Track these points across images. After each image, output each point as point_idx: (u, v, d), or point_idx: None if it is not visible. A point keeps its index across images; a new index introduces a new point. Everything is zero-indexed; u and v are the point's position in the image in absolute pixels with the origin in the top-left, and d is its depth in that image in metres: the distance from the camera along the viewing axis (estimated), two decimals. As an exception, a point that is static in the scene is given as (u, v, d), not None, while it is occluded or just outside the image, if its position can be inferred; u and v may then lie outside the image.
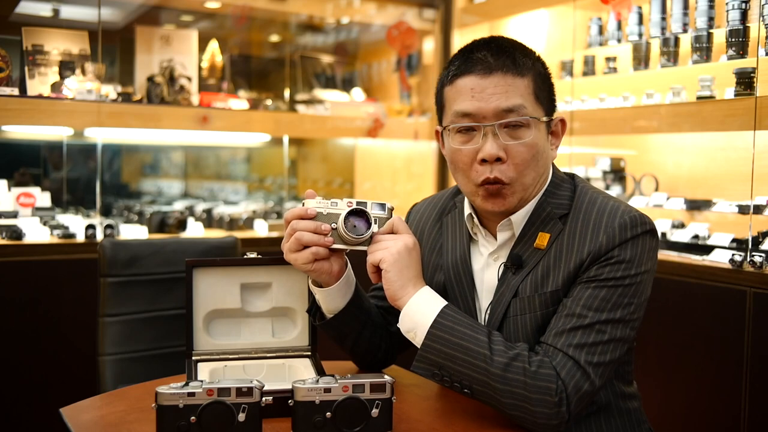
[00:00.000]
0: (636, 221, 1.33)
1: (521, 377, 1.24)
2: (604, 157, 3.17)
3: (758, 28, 2.41)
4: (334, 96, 3.90)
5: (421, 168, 4.04)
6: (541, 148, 1.36)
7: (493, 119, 1.32)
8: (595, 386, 1.27)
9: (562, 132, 1.45)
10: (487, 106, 1.32)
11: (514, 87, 1.33)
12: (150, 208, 3.45)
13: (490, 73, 1.33)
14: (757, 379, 2.24)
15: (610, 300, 1.30)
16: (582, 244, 1.34)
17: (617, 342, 1.30)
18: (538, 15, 3.61)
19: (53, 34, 3.18)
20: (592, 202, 1.39)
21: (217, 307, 1.56)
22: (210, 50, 3.63)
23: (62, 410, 1.35)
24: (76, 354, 2.74)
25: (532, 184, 1.38)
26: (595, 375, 1.27)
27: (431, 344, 1.28)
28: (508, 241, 1.42)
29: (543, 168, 1.39)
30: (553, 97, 1.43)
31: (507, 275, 1.40)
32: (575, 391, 1.25)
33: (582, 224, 1.36)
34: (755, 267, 2.30)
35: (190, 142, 4.13)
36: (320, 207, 1.37)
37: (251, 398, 1.16)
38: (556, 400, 1.23)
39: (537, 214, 1.40)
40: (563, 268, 1.34)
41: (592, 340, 1.28)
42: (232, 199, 4.13)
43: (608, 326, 1.29)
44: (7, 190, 3.13)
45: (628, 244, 1.32)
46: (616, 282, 1.30)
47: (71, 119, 3.00)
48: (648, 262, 1.34)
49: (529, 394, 1.23)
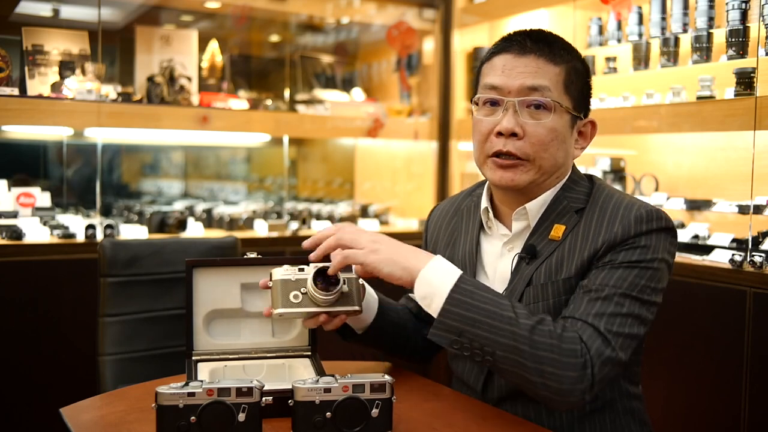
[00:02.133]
0: (652, 215, 1.34)
1: (548, 339, 1.22)
2: (604, 157, 3.17)
3: (758, 28, 2.41)
4: (334, 96, 3.90)
5: (421, 168, 4.04)
6: (561, 135, 1.38)
7: (516, 95, 1.37)
8: (616, 354, 1.25)
9: (591, 135, 1.46)
10: (512, 82, 1.37)
11: (544, 71, 1.37)
12: (150, 208, 3.45)
13: (524, 53, 1.38)
14: (757, 379, 2.24)
15: (626, 279, 1.30)
16: (597, 234, 1.34)
17: (635, 318, 1.29)
18: (538, 15, 3.61)
19: (53, 34, 3.18)
20: (609, 196, 1.40)
21: (217, 307, 1.56)
22: (210, 50, 3.63)
23: (62, 410, 1.35)
24: (76, 354, 2.74)
25: (548, 170, 1.39)
26: (615, 343, 1.26)
27: (452, 309, 1.24)
28: (523, 232, 1.43)
29: (562, 158, 1.40)
30: (588, 97, 1.45)
31: (521, 265, 1.40)
32: (597, 354, 1.23)
33: (598, 216, 1.37)
34: (755, 267, 2.30)
35: (190, 142, 4.13)
36: (287, 274, 1.37)
37: (251, 398, 1.16)
38: (582, 362, 1.21)
39: (553, 207, 1.41)
40: (577, 256, 1.35)
41: (611, 310, 1.27)
42: (232, 199, 4.13)
43: (626, 300, 1.29)
44: (7, 190, 3.13)
45: (643, 237, 1.32)
46: (632, 264, 1.31)
47: (71, 119, 3.00)
48: (665, 253, 1.34)
49: (557, 356, 1.21)
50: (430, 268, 1.28)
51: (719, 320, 2.36)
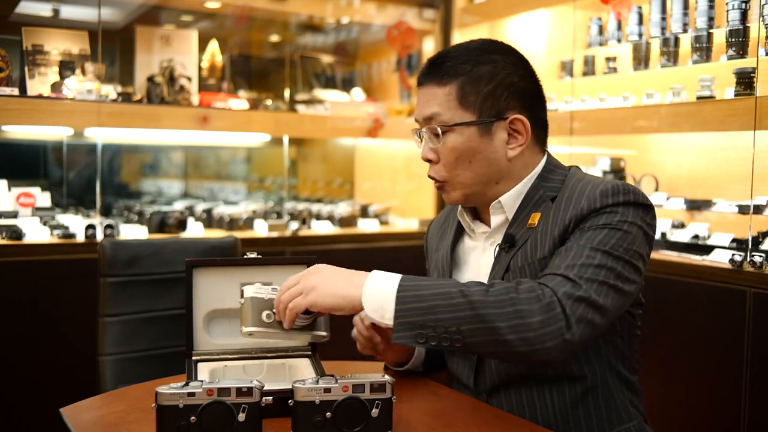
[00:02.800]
0: (618, 189, 1.34)
1: (505, 294, 1.22)
2: (604, 157, 3.17)
3: (758, 28, 2.41)
4: (334, 96, 3.91)
5: (421, 168, 4.01)
6: (466, 150, 1.42)
7: (423, 125, 1.47)
8: (590, 295, 1.23)
9: (525, 131, 1.43)
10: (418, 114, 1.47)
11: (434, 96, 1.44)
12: (150, 208, 3.45)
13: (423, 84, 1.47)
14: (757, 379, 2.24)
15: (595, 238, 1.30)
16: (565, 212, 1.36)
17: (609, 270, 1.27)
18: (538, 15, 3.61)
19: (53, 34, 3.18)
20: (580, 180, 1.42)
21: (217, 307, 1.56)
22: (210, 50, 3.63)
23: (62, 410, 1.35)
24: (76, 354, 2.74)
25: (474, 182, 1.44)
26: (588, 286, 1.24)
27: (404, 306, 1.24)
28: (503, 225, 1.47)
29: (485, 167, 1.43)
30: (502, 97, 1.41)
31: (501, 255, 1.44)
32: (566, 295, 1.22)
33: (567, 197, 1.39)
34: (755, 267, 2.30)
35: (190, 142, 4.13)
36: (260, 293, 1.37)
37: (251, 398, 1.16)
38: (547, 302, 1.21)
39: (530, 197, 1.44)
40: (550, 236, 1.37)
41: (581, 262, 1.27)
42: (232, 199, 4.13)
43: (597, 253, 1.28)
44: (7, 190, 3.13)
45: (609, 210, 1.32)
46: (599, 227, 1.31)
47: (71, 119, 3.00)
48: (636, 219, 1.33)
49: (520, 305, 1.20)
50: (369, 284, 1.28)
51: (719, 320, 2.36)
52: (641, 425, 1.44)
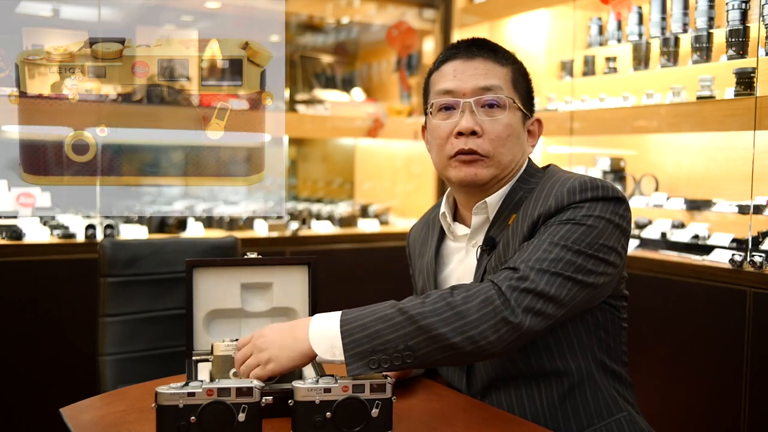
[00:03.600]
0: (586, 185, 1.35)
1: (441, 301, 1.23)
2: (604, 157, 3.17)
3: (758, 28, 2.41)
4: (334, 96, 3.91)
5: (421, 168, 4.04)
6: (516, 131, 1.45)
7: (471, 96, 1.43)
8: (536, 285, 1.24)
9: (538, 133, 1.53)
10: (465, 84, 1.43)
11: (494, 71, 1.44)
12: (150, 208, 3.45)
13: (472, 58, 1.45)
14: (757, 379, 2.24)
15: (556, 233, 1.30)
16: (533, 209, 1.37)
17: (567, 263, 1.27)
18: (538, 15, 3.61)
19: (53, 34, 3.17)
20: (551, 177, 1.43)
21: (217, 307, 1.56)
22: (210, 50, 3.63)
23: (62, 410, 1.35)
24: (76, 354, 2.74)
25: (508, 165, 1.44)
26: (537, 277, 1.25)
27: (351, 338, 1.23)
28: (483, 226, 1.47)
29: (519, 154, 1.47)
30: (532, 98, 1.52)
31: (483, 257, 1.44)
32: (511, 288, 1.24)
33: (537, 195, 1.40)
34: (755, 267, 2.30)
35: (190, 142, 4.12)
36: (228, 350, 1.38)
37: (251, 398, 1.16)
38: (483, 297, 1.22)
39: (510, 199, 1.45)
40: (519, 234, 1.38)
41: (536, 256, 1.28)
42: (232, 199, 4.13)
43: (554, 248, 1.28)
44: (7, 190, 3.13)
45: (577, 206, 1.33)
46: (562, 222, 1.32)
47: (71, 119, 3.00)
48: (605, 213, 1.33)
49: (458, 307, 1.22)
50: (313, 330, 1.27)
51: (719, 320, 2.36)
52: (631, 416, 1.44)
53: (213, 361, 1.39)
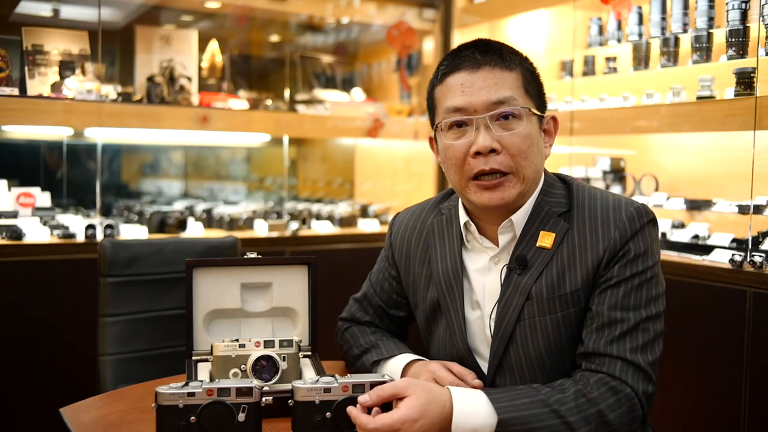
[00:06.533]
0: (641, 212, 1.35)
1: (592, 408, 1.22)
2: (604, 157, 3.17)
3: (758, 28, 2.41)
4: (334, 96, 3.91)
5: (421, 168, 4.04)
6: (535, 139, 1.36)
7: (484, 111, 1.32)
8: (656, 387, 1.29)
9: (555, 130, 1.44)
10: (477, 100, 1.33)
11: (503, 80, 1.34)
12: (150, 208, 3.45)
13: (478, 68, 1.34)
14: (757, 379, 2.24)
15: (642, 297, 1.31)
16: (595, 241, 1.33)
17: (659, 337, 1.32)
18: (538, 15, 3.61)
19: (53, 34, 3.18)
20: (592, 198, 1.39)
21: (217, 307, 1.56)
22: (210, 50, 3.63)
23: (62, 410, 1.35)
24: (76, 354, 2.74)
25: (532, 178, 1.36)
26: (654, 375, 1.29)
27: None
28: (509, 244, 1.40)
29: (540, 161, 1.39)
30: (544, 95, 1.42)
31: (512, 277, 1.37)
32: (645, 396, 1.27)
33: (590, 221, 1.35)
34: (755, 267, 2.30)
35: (190, 142, 4.13)
36: (228, 351, 1.38)
37: (251, 398, 1.16)
38: (633, 403, 1.25)
39: (536, 214, 1.38)
40: (580, 267, 1.33)
41: (642, 341, 1.29)
42: (232, 199, 4.13)
43: (650, 323, 1.31)
44: (7, 190, 3.13)
45: (638, 236, 1.33)
46: (641, 277, 1.32)
47: (71, 119, 3.01)
48: (657, 252, 1.37)
49: (609, 424, 1.22)
50: (458, 416, 1.18)
51: (719, 320, 2.36)
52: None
53: (213, 361, 1.39)
